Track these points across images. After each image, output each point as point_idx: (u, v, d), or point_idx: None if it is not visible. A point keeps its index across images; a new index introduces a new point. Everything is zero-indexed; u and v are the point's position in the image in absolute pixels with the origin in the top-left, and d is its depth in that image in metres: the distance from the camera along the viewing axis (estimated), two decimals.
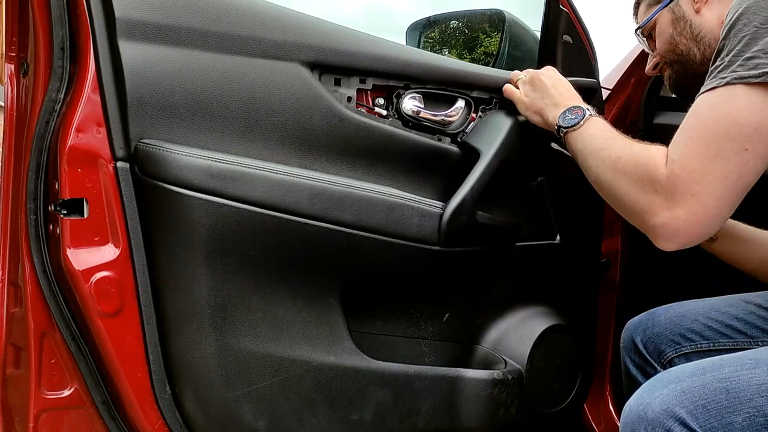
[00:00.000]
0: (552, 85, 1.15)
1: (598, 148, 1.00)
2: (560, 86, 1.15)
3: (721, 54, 0.89)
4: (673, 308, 1.21)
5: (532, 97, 1.16)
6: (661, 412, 0.80)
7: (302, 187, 1.02)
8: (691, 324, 1.16)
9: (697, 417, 0.79)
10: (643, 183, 0.90)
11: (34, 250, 0.98)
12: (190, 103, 0.98)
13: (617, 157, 0.95)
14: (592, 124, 1.04)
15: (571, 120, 1.06)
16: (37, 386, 0.98)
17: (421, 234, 1.12)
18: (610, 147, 0.98)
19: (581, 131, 1.04)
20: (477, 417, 1.20)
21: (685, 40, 1.15)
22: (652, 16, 1.20)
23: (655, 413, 0.80)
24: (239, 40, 1.02)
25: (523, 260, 1.30)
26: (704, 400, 0.80)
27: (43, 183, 0.97)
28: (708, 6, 1.13)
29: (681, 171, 0.86)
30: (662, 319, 1.20)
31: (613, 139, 1.00)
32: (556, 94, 1.13)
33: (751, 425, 0.78)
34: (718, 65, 0.88)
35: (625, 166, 0.93)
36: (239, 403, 1.01)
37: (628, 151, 0.95)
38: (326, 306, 1.08)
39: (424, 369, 1.18)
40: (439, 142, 1.21)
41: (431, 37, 1.76)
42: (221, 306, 0.98)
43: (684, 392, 0.81)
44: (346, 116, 1.10)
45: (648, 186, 0.89)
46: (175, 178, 0.94)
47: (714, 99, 0.86)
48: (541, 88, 1.15)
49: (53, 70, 0.96)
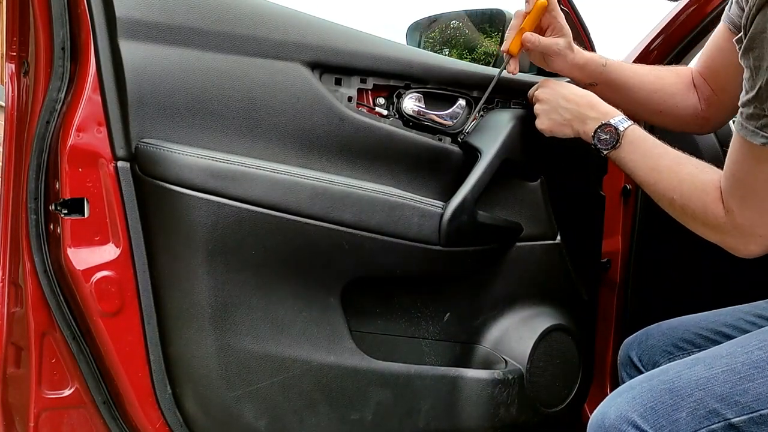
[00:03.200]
0: (562, 98, 1.12)
1: (647, 180, 1.01)
2: (571, 96, 1.12)
3: (756, 92, 0.82)
4: (666, 324, 1.25)
5: (552, 120, 1.14)
6: (616, 418, 0.88)
7: (303, 187, 1.02)
8: (683, 334, 1.19)
9: (647, 418, 0.86)
10: (708, 226, 0.95)
11: (35, 250, 0.98)
12: (190, 102, 0.98)
13: (671, 199, 0.98)
14: (629, 144, 1.03)
15: (608, 141, 1.05)
16: (38, 386, 0.98)
17: (421, 234, 1.12)
18: (659, 181, 0.99)
19: (621, 154, 1.04)
20: (477, 417, 1.20)
21: None
22: None
23: (611, 420, 0.88)
24: (240, 40, 1.02)
25: (524, 260, 1.30)
26: (652, 403, 0.87)
27: (43, 182, 0.97)
28: None
29: (743, 220, 0.90)
30: (656, 333, 1.24)
31: (656, 170, 1.00)
32: (573, 107, 1.10)
33: (695, 418, 0.85)
34: (759, 114, 0.83)
35: (684, 209, 0.96)
36: (240, 402, 1.01)
37: (679, 191, 0.97)
38: (327, 305, 1.08)
39: (424, 369, 1.18)
40: (439, 142, 1.21)
41: (431, 36, 1.76)
42: (222, 305, 0.98)
43: (635, 398, 0.89)
44: (346, 116, 1.10)
45: (715, 228, 0.94)
46: (176, 178, 0.94)
47: (763, 155, 0.85)
48: (555, 106, 1.13)
49: (54, 70, 0.96)
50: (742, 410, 0.85)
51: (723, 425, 0.85)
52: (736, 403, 0.85)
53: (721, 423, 0.85)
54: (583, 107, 1.10)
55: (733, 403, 0.85)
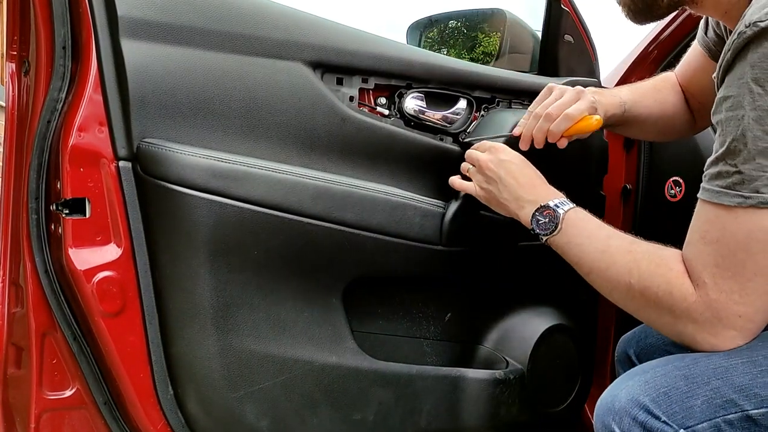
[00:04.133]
0: (504, 173, 1.04)
1: (597, 266, 0.92)
2: (514, 173, 1.04)
3: (730, 154, 0.79)
4: None
5: (488, 191, 1.06)
6: (626, 401, 0.83)
7: (304, 187, 1.02)
8: None
9: (659, 404, 0.82)
10: (675, 314, 0.84)
11: (36, 250, 0.98)
12: (192, 102, 0.97)
13: (627, 284, 0.87)
14: (572, 227, 0.96)
15: (547, 225, 0.99)
16: (39, 386, 0.98)
17: (423, 234, 1.11)
18: (612, 265, 0.90)
19: (564, 239, 0.97)
20: (479, 417, 1.20)
21: None
22: None
23: (621, 403, 0.84)
24: (241, 39, 1.02)
25: (525, 260, 1.30)
26: (666, 388, 0.83)
27: (44, 182, 0.97)
28: None
29: (719, 295, 0.80)
30: (654, 331, 1.19)
31: (606, 252, 0.91)
32: (514, 185, 1.03)
33: (710, 407, 0.81)
34: (729, 171, 0.79)
35: (644, 293, 0.86)
36: (242, 403, 1.01)
37: (636, 273, 0.86)
38: (328, 306, 1.07)
39: (426, 369, 1.18)
40: (441, 142, 1.21)
41: (432, 36, 1.76)
42: (223, 306, 0.98)
43: (647, 382, 0.84)
44: (348, 116, 1.10)
45: (683, 317, 0.83)
46: (178, 178, 0.94)
47: (740, 222, 0.79)
48: (493, 179, 1.05)
49: (55, 69, 0.96)
50: (761, 403, 0.81)
51: (740, 416, 0.81)
52: (756, 396, 0.81)
53: (738, 414, 0.81)
54: (523, 189, 1.03)
55: (753, 395, 0.81)
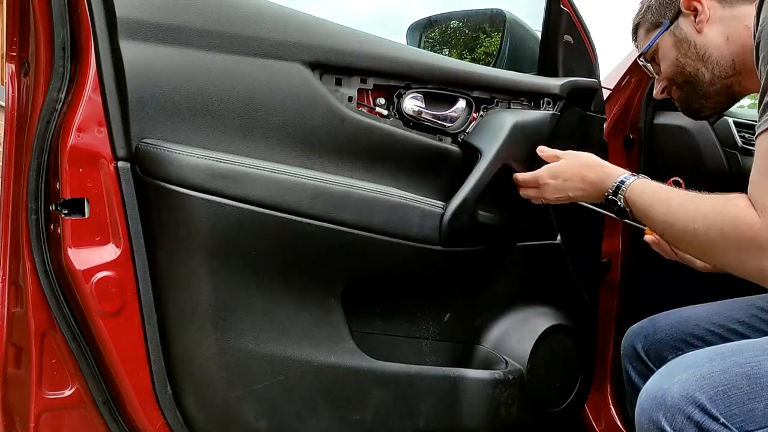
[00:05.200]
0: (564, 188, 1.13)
1: (665, 227, 0.96)
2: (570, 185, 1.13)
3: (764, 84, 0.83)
4: (675, 314, 1.19)
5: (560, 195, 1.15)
6: (680, 398, 0.78)
7: (303, 187, 1.02)
8: (693, 329, 1.15)
9: (717, 403, 0.77)
10: (742, 246, 0.83)
11: (35, 250, 0.98)
12: (191, 102, 0.97)
13: (693, 231, 0.88)
14: (635, 205, 1.02)
15: (621, 214, 1.04)
16: (38, 386, 0.98)
17: (422, 234, 1.11)
18: (676, 220, 0.92)
19: (636, 215, 1.02)
20: (478, 417, 1.20)
21: (691, 61, 1.13)
22: (653, 41, 1.18)
23: (674, 399, 0.78)
24: (240, 40, 1.02)
25: (524, 260, 1.30)
26: (725, 386, 0.78)
27: (44, 183, 0.97)
28: (710, 25, 1.11)
29: None
30: (663, 325, 1.19)
31: (669, 212, 0.94)
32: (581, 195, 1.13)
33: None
34: None
35: (709, 234, 0.86)
36: (240, 403, 1.01)
37: (701, 217, 0.87)
38: (327, 306, 1.07)
39: (425, 369, 1.18)
40: (440, 142, 1.21)
41: (432, 36, 1.76)
42: (222, 306, 0.98)
43: (704, 377, 0.79)
44: (347, 116, 1.10)
45: (751, 247, 0.82)
46: (177, 178, 0.94)
47: None
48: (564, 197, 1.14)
49: (54, 70, 0.96)
50: None
51: None
52: None
53: None
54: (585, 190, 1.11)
55: None
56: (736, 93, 1.14)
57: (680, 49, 1.14)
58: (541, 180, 1.15)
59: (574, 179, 1.12)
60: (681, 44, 1.14)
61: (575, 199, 1.14)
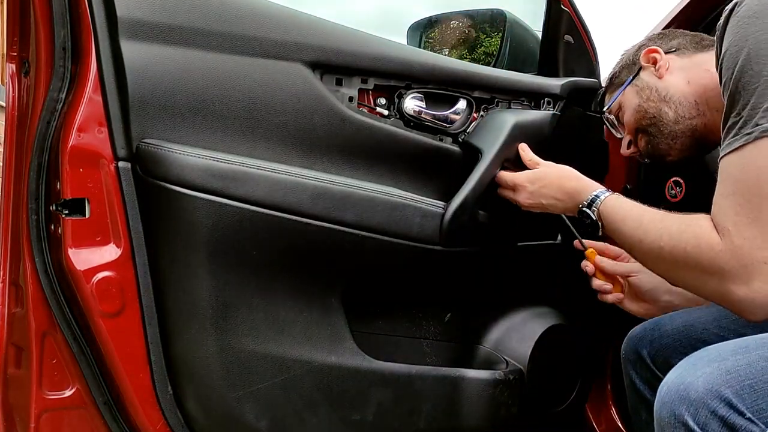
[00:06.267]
0: (540, 197, 1.14)
1: (634, 241, 0.96)
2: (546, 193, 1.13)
3: (734, 110, 0.84)
4: (680, 317, 1.15)
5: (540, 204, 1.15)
6: (705, 392, 0.75)
7: (304, 187, 1.02)
8: (701, 334, 1.11)
9: (744, 398, 0.75)
10: (703, 268, 0.83)
11: (36, 250, 0.98)
12: (191, 102, 0.97)
13: (659, 249, 0.90)
14: (607, 220, 1.03)
15: (592, 226, 1.06)
16: (39, 386, 0.98)
17: (422, 234, 1.11)
18: (645, 235, 0.93)
19: (607, 229, 1.03)
20: (478, 417, 1.20)
21: (653, 104, 1.15)
22: (616, 96, 1.22)
23: (698, 393, 0.76)
24: (241, 40, 1.02)
25: (524, 260, 1.30)
26: (751, 380, 0.76)
27: (44, 183, 0.97)
28: (670, 72, 1.15)
29: (742, 241, 0.80)
30: (669, 330, 1.14)
31: (639, 227, 0.95)
32: (554, 204, 1.13)
33: None
34: (736, 122, 0.83)
35: (673, 252, 0.87)
36: (241, 403, 1.01)
37: (667, 235, 0.89)
38: (328, 306, 1.07)
39: (425, 369, 1.18)
40: (440, 142, 1.21)
41: (432, 36, 1.76)
42: (223, 306, 0.98)
43: (729, 371, 0.77)
44: (347, 116, 1.10)
45: (712, 268, 0.82)
46: (177, 178, 0.94)
47: (746, 158, 0.81)
48: (538, 205, 1.15)
49: (55, 70, 0.96)
50: None
51: None
52: None
53: None
54: (559, 203, 1.12)
55: None
56: (701, 134, 1.13)
57: (642, 95, 1.17)
58: (518, 182, 1.16)
59: (551, 187, 1.13)
60: (642, 91, 1.17)
61: (547, 209, 1.14)
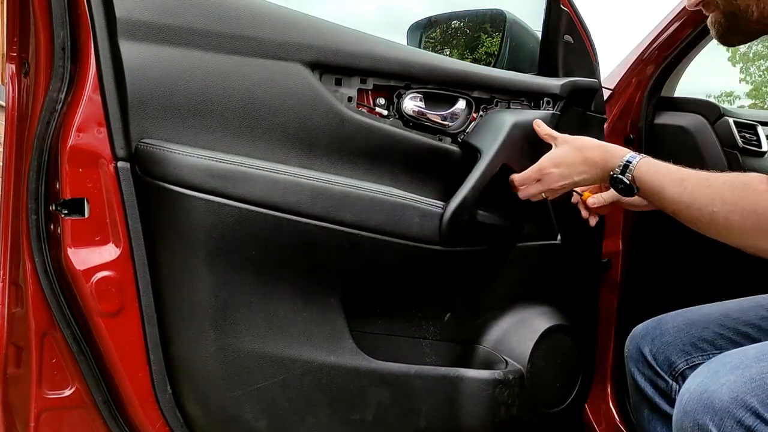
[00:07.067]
0: (570, 175, 1.11)
1: (679, 207, 0.92)
2: (573, 170, 1.10)
3: None
4: (682, 315, 1.15)
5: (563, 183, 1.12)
6: (729, 400, 0.74)
7: (303, 187, 1.02)
8: (702, 332, 1.11)
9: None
10: (763, 231, 0.81)
11: (35, 250, 0.98)
12: (190, 102, 0.98)
13: (710, 213, 0.86)
14: (645, 183, 0.99)
15: (626, 191, 1.02)
16: (38, 386, 0.98)
17: (422, 234, 1.11)
18: (693, 201, 0.89)
19: (645, 195, 1.00)
20: (478, 417, 1.20)
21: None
22: None
23: (723, 402, 0.74)
24: (240, 40, 1.02)
25: (524, 260, 1.30)
26: None
27: (44, 183, 0.97)
28: None
29: None
30: (671, 328, 1.14)
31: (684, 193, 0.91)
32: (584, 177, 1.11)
33: None
34: None
35: (728, 219, 0.84)
36: (240, 402, 1.01)
37: (720, 200, 0.85)
38: (327, 306, 1.08)
39: (424, 369, 1.18)
40: (439, 142, 1.21)
41: (432, 37, 1.76)
42: (222, 305, 0.99)
43: (753, 379, 0.75)
44: (346, 116, 1.10)
45: None
46: (176, 178, 0.94)
47: None
48: (568, 185, 1.12)
49: (54, 70, 0.96)
50: None
51: None
52: None
53: None
54: (589, 170, 1.09)
55: None
56: None
57: None
58: (544, 170, 1.12)
59: (576, 163, 1.10)
60: None
61: (580, 183, 1.12)
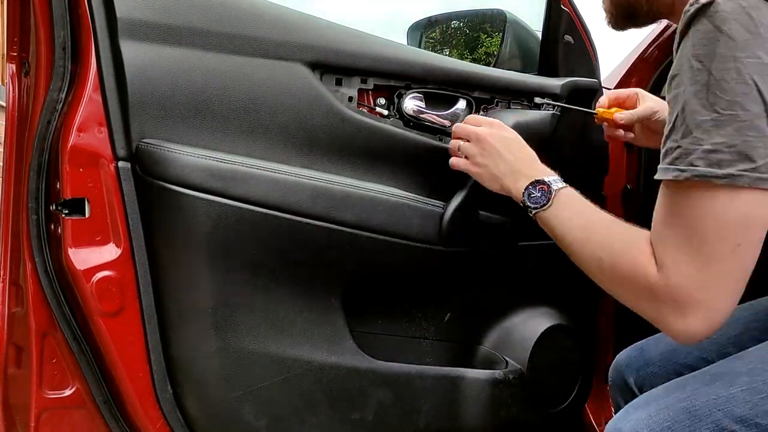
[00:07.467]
0: (504, 148, 1.04)
1: (577, 240, 0.91)
2: (513, 148, 1.05)
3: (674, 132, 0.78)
4: (664, 340, 1.15)
5: (483, 165, 1.06)
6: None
7: (303, 187, 1.02)
8: (685, 358, 1.11)
9: None
10: (640, 292, 0.82)
11: (36, 250, 0.98)
12: (191, 102, 0.98)
13: (599, 259, 0.87)
14: (561, 202, 0.96)
15: (539, 199, 0.97)
16: (39, 386, 0.98)
17: (422, 234, 1.12)
18: (589, 239, 0.89)
19: (551, 212, 0.96)
20: (478, 417, 1.20)
21: None
22: None
23: None
24: (240, 40, 1.02)
25: (525, 260, 1.30)
26: (669, 422, 0.82)
27: (44, 183, 0.97)
28: None
29: (678, 279, 0.78)
30: (654, 356, 1.15)
31: (587, 228, 0.91)
32: (512, 160, 1.03)
33: None
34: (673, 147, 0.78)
35: (613, 269, 0.85)
36: (240, 402, 1.01)
37: (608, 249, 0.86)
38: (327, 306, 1.08)
39: (425, 369, 1.18)
40: (440, 142, 1.21)
41: (432, 37, 1.76)
42: (222, 306, 0.99)
43: (651, 416, 0.84)
44: (347, 116, 1.10)
45: (647, 295, 0.81)
46: (177, 178, 0.94)
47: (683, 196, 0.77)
48: (492, 153, 1.05)
49: (54, 70, 0.96)
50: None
51: None
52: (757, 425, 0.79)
53: None
54: (521, 163, 1.03)
55: (753, 425, 0.79)
56: None
57: None
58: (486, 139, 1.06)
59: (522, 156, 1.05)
60: None
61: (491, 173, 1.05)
